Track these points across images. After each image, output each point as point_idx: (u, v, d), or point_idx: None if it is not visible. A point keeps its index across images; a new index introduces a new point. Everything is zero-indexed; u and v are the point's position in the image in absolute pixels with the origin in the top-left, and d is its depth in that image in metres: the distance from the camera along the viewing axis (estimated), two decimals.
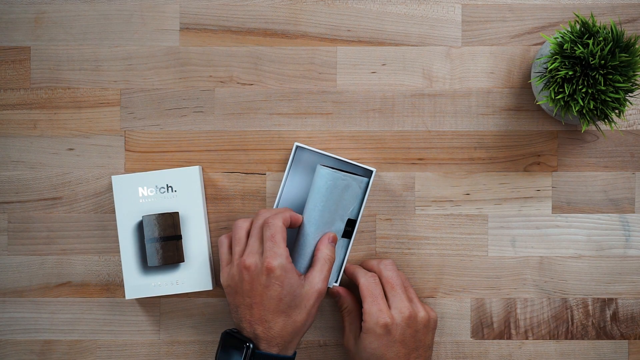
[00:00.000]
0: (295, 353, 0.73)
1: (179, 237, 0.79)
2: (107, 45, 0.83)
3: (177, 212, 0.79)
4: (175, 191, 0.79)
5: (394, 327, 0.73)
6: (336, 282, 0.79)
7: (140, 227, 0.79)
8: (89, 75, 0.82)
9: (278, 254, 0.70)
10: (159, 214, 0.79)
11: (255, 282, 0.71)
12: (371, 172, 0.79)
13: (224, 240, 0.76)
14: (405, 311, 0.73)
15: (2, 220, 0.82)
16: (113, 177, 0.79)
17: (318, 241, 0.75)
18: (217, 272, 0.83)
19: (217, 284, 0.83)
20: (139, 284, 0.79)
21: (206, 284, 0.79)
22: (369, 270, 0.78)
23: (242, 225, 0.74)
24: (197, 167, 0.80)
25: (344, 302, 0.78)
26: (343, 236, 0.78)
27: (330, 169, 0.76)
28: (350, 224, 0.78)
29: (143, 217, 0.79)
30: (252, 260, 0.71)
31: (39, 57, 0.82)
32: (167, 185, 0.79)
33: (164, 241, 0.79)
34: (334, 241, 0.75)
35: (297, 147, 0.79)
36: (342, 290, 0.78)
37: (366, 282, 0.75)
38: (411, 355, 0.73)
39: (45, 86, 0.82)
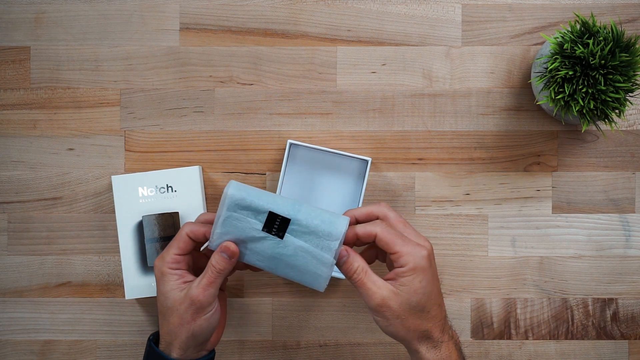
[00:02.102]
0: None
1: None
2: (107, 45, 0.83)
3: (177, 212, 0.79)
4: (175, 191, 0.79)
5: (431, 257, 0.69)
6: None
7: (140, 227, 0.79)
8: (89, 75, 0.82)
9: (161, 257, 0.70)
10: (159, 214, 0.79)
11: None
12: (366, 161, 0.78)
13: None
14: (426, 242, 0.70)
15: (2, 220, 0.82)
16: (113, 177, 0.79)
17: None
18: None
19: None
20: (139, 284, 0.79)
21: None
22: (372, 217, 0.72)
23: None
24: (197, 167, 0.80)
25: (353, 262, 0.68)
26: (269, 231, 0.68)
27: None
28: (273, 219, 0.68)
29: (143, 217, 0.79)
30: None
31: (39, 57, 0.82)
32: (167, 185, 0.79)
33: (164, 241, 0.79)
34: (224, 250, 0.68)
35: (291, 144, 0.79)
36: (346, 250, 0.69)
37: (383, 228, 0.69)
38: (438, 282, 0.71)
39: (45, 86, 0.82)
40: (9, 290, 0.83)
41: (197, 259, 0.73)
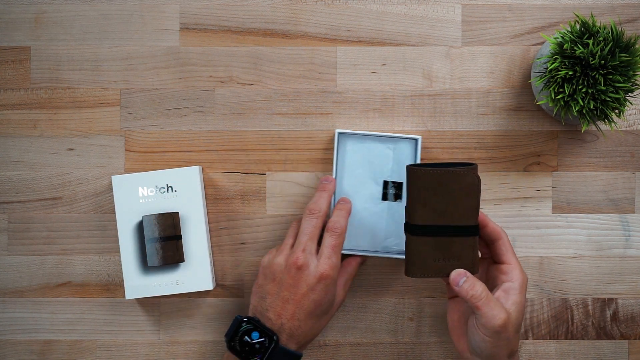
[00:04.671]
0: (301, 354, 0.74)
1: (179, 237, 0.79)
2: (107, 45, 0.83)
3: (177, 212, 0.79)
4: (175, 191, 0.79)
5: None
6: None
7: (140, 227, 0.79)
8: (89, 75, 0.82)
9: (334, 266, 0.73)
10: (159, 214, 0.79)
11: (301, 281, 0.72)
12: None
13: (294, 226, 0.78)
14: None
15: (2, 220, 0.82)
16: (113, 177, 0.79)
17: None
18: (217, 272, 0.83)
19: (217, 284, 0.83)
20: (139, 284, 0.79)
21: (206, 284, 0.79)
22: (485, 224, 0.74)
23: (316, 223, 0.75)
24: (197, 167, 0.80)
25: (475, 283, 0.70)
26: (386, 199, 0.80)
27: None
28: (389, 186, 0.80)
29: (143, 217, 0.79)
30: (306, 261, 0.72)
31: (39, 57, 0.82)
32: (167, 185, 0.79)
33: (164, 241, 0.79)
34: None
35: (340, 133, 0.79)
36: (465, 274, 0.70)
37: (507, 237, 0.74)
38: None
39: (45, 86, 0.82)
40: (9, 290, 0.83)
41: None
